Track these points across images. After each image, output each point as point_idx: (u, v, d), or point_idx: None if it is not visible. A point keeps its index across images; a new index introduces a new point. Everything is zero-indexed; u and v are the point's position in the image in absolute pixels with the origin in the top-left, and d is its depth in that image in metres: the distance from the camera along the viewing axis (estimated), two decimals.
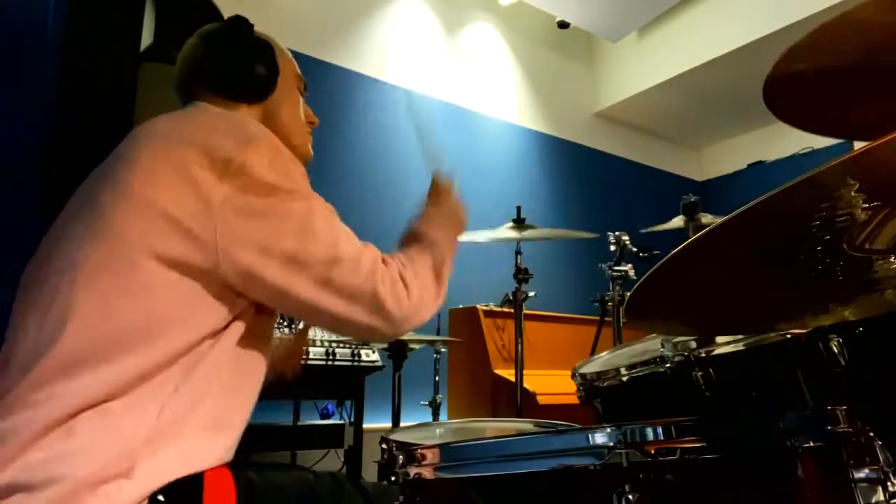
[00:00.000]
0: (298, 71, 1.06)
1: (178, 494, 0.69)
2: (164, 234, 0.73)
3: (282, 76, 1.00)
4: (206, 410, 0.75)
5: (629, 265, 2.42)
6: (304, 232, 0.77)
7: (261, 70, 0.97)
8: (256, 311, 0.82)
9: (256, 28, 1.01)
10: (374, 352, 2.09)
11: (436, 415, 2.40)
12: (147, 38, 1.55)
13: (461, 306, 2.91)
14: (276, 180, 0.77)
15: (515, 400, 2.31)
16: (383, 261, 0.83)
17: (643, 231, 2.50)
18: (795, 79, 0.77)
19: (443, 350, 2.54)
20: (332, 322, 0.81)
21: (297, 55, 1.02)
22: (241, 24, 0.99)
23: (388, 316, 0.81)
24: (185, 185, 0.74)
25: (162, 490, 0.68)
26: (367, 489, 0.86)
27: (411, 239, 0.95)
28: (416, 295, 0.84)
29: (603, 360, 1.43)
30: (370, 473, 2.30)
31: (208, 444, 0.75)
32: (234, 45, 0.96)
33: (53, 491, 0.63)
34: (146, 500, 0.67)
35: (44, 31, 1.45)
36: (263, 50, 0.98)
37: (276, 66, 0.98)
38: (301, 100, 1.06)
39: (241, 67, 0.96)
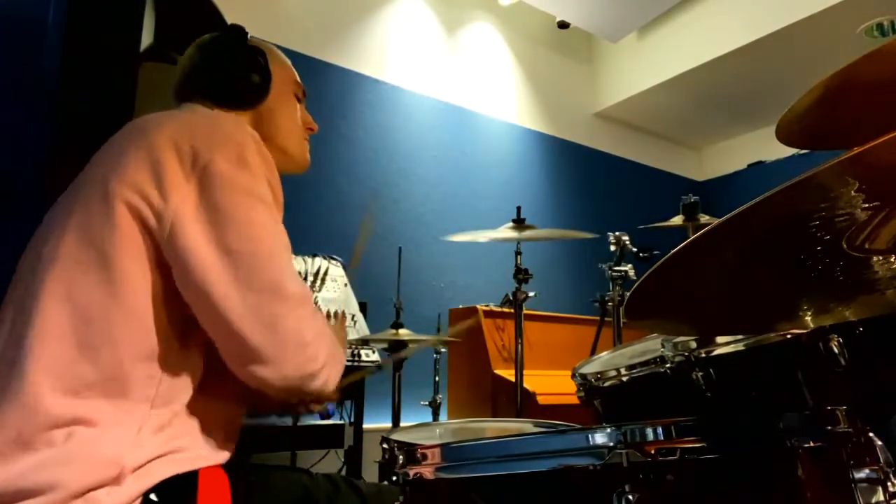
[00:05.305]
0: (296, 77, 1.07)
1: (172, 494, 0.69)
2: (130, 225, 0.73)
3: (276, 83, 1.00)
4: (189, 406, 0.75)
5: (629, 265, 2.42)
6: (255, 240, 0.75)
7: (250, 77, 0.97)
8: None
9: (256, 28, 1.01)
10: (374, 352, 2.09)
11: (436, 415, 2.39)
12: (147, 38, 1.55)
13: (461, 306, 2.90)
14: (242, 182, 0.76)
15: (515, 400, 2.31)
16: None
17: (642, 227, 2.50)
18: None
19: (443, 350, 2.53)
20: (231, 340, 0.74)
21: (297, 55, 1.03)
22: (235, 32, 1.01)
23: (294, 365, 0.75)
24: (154, 182, 0.74)
25: (154, 489, 0.68)
26: (363, 490, 0.86)
27: None
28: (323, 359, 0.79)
29: (603, 360, 1.43)
30: (370, 473, 2.30)
31: (195, 441, 0.75)
32: (224, 54, 0.98)
33: (43, 500, 0.62)
34: (139, 500, 0.67)
35: (44, 31, 1.45)
36: (254, 57, 0.99)
37: (267, 73, 0.99)
38: (299, 106, 1.06)
39: (231, 75, 0.97)
